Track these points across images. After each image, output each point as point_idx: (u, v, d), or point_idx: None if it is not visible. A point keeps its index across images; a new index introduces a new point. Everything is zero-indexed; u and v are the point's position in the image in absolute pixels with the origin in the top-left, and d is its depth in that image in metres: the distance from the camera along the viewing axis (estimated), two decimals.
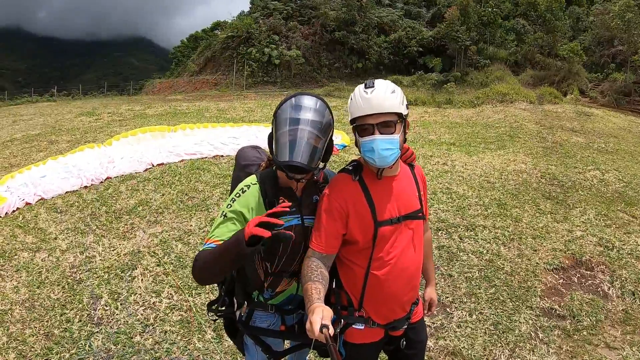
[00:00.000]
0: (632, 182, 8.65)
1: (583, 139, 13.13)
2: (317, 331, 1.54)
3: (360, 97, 1.90)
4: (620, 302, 4.63)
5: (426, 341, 2.37)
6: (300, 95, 1.97)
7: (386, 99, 1.88)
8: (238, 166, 2.32)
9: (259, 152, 2.38)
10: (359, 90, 1.93)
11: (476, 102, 21.15)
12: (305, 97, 1.97)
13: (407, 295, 2.10)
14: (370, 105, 1.87)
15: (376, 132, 1.88)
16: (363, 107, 1.89)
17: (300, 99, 1.95)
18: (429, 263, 2.44)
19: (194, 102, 21.48)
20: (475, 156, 9.98)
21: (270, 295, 2.11)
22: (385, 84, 1.93)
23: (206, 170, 8.02)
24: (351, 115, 1.96)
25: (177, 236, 5.60)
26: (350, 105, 1.96)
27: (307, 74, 35.35)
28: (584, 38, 35.02)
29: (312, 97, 1.98)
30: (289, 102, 1.96)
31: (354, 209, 1.95)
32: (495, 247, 5.58)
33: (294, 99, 1.95)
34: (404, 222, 2.02)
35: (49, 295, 4.41)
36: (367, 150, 1.90)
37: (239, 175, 2.24)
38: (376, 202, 1.96)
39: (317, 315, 1.61)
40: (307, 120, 1.90)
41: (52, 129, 13.60)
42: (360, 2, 36.15)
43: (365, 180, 1.99)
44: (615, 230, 6.26)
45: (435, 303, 2.45)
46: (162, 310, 4.15)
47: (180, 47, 48.83)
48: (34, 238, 5.66)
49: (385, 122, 1.88)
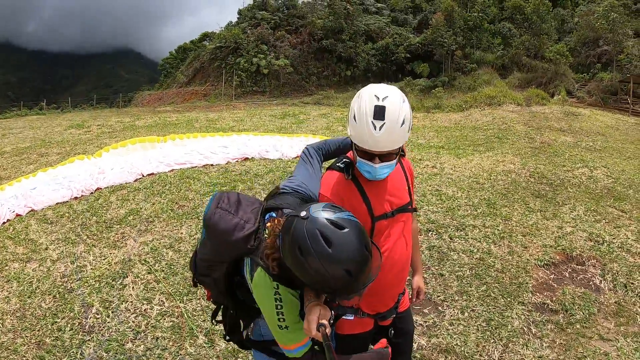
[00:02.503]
0: (621, 178, 8.73)
1: (571, 138, 13.24)
2: (314, 330, 1.56)
3: (367, 131, 1.76)
4: (613, 295, 4.66)
5: (413, 331, 2.40)
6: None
7: (395, 139, 1.80)
8: (225, 243, 1.83)
9: (230, 212, 1.86)
10: (366, 120, 1.75)
11: (464, 106, 21.27)
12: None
13: (397, 286, 2.13)
14: (376, 145, 1.79)
15: (377, 160, 1.84)
16: (368, 143, 1.79)
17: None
18: (416, 252, 2.45)
19: (183, 113, 21.46)
20: (464, 158, 10.03)
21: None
22: (396, 114, 1.76)
23: (196, 179, 7.99)
24: (351, 137, 1.86)
25: (167, 244, 5.57)
26: (353, 127, 1.82)
27: (295, 83, 35.58)
28: (570, 39, 35.44)
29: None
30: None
31: (350, 207, 1.92)
32: (486, 245, 5.60)
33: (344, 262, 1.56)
34: (397, 216, 2.04)
35: (40, 305, 4.38)
36: (364, 170, 1.89)
37: (230, 251, 1.85)
38: (371, 198, 1.98)
39: (314, 314, 1.62)
40: None
41: (42, 141, 13.53)
42: (347, 10, 36.48)
43: (358, 179, 2.00)
44: (605, 225, 6.31)
45: (423, 291, 2.46)
46: (154, 316, 4.13)
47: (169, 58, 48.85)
48: (24, 249, 5.62)
49: (387, 153, 1.84)
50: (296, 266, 1.59)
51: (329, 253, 1.52)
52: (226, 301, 2.06)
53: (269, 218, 1.86)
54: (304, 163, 2.17)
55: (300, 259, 1.56)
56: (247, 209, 1.90)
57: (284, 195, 1.97)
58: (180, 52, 48.19)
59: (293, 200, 1.90)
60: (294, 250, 1.57)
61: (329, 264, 1.53)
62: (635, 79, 26.11)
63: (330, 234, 1.54)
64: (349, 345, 2.11)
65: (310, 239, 1.54)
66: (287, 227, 1.63)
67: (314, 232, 1.54)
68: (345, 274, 1.54)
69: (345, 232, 1.56)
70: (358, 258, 1.55)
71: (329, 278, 1.55)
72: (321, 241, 1.53)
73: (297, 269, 1.60)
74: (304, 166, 2.15)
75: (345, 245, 1.54)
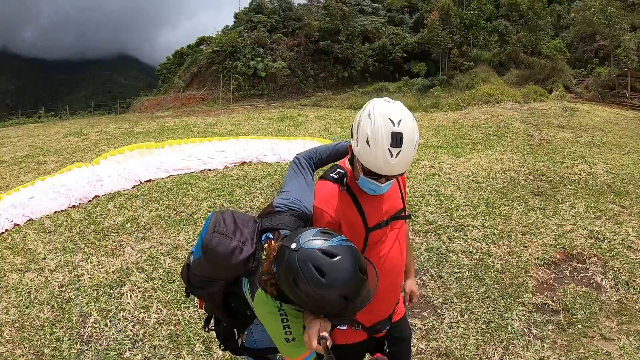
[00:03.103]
0: (620, 173, 8.71)
1: (570, 134, 13.22)
2: (314, 343, 1.54)
3: (382, 159, 1.71)
4: (614, 293, 4.63)
5: (410, 337, 2.37)
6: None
7: (407, 162, 1.77)
8: (225, 267, 1.81)
9: (227, 236, 1.82)
10: (383, 148, 1.69)
11: (462, 104, 21.28)
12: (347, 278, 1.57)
13: (391, 295, 2.10)
14: (392, 170, 1.75)
15: (383, 180, 1.82)
16: (382, 169, 1.75)
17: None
18: (409, 256, 2.42)
19: (181, 118, 21.44)
20: (462, 157, 10.01)
21: None
22: (412, 140, 1.73)
23: (193, 185, 7.97)
24: (361, 160, 1.78)
25: (165, 251, 5.55)
26: (365, 151, 1.74)
27: (293, 85, 35.59)
28: (566, 35, 35.44)
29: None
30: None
31: (345, 219, 1.93)
32: (485, 245, 5.57)
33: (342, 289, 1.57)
34: (391, 224, 2.02)
35: (39, 315, 4.36)
36: (368, 187, 1.87)
37: (229, 273, 1.85)
38: (366, 209, 1.95)
39: (315, 327, 1.60)
40: None
41: (40, 150, 13.50)
42: (343, 11, 36.48)
43: (352, 188, 1.96)
44: (605, 222, 6.28)
45: (416, 294, 2.44)
46: (151, 325, 4.10)
47: (166, 63, 48.80)
48: (22, 259, 5.59)
49: (396, 175, 1.83)
50: (293, 295, 1.60)
51: (323, 283, 1.52)
52: (219, 313, 2.05)
53: (266, 239, 1.85)
54: (296, 175, 2.12)
55: (295, 289, 1.57)
56: (244, 230, 1.87)
57: (278, 214, 1.94)
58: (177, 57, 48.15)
59: (289, 220, 1.88)
60: (288, 280, 1.58)
61: (324, 292, 1.53)
62: (632, 73, 26.10)
63: (322, 264, 1.54)
64: (342, 356, 2.08)
65: (302, 270, 1.54)
66: (280, 257, 1.64)
67: (305, 265, 1.55)
68: (341, 299, 1.55)
69: (338, 260, 1.56)
70: (353, 282, 1.56)
71: (326, 304, 1.56)
72: (314, 272, 1.53)
73: (294, 297, 1.60)
74: (296, 179, 2.10)
75: (338, 273, 1.54)
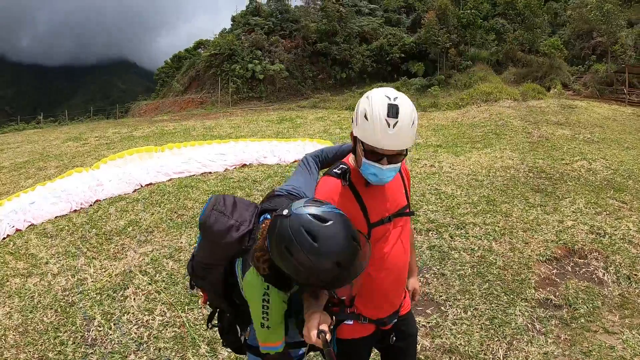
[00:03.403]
0: (620, 169, 8.73)
1: (568, 131, 13.23)
2: (314, 337, 1.57)
3: (380, 129, 1.72)
4: (616, 287, 4.65)
5: (416, 333, 2.37)
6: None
7: (407, 136, 1.76)
8: (220, 245, 1.88)
9: (225, 215, 1.90)
10: (380, 118, 1.71)
11: (461, 103, 21.31)
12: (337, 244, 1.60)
13: (396, 291, 2.11)
14: (390, 144, 1.75)
15: (385, 161, 1.80)
16: (381, 142, 1.74)
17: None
18: (412, 254, 2.43)
19: (180, 122, 21.45)
20: (462, 156, 10.02)
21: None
22: (409, 114, 1.75)
23: (194, 188, 7.99)
24: (361, 137, 1.80)
25: (167, 254, 5.56)
26: (364, 126, 1.77)
27: (291, 87, 35.62)
28: (563, 32, 35.51)
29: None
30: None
31: (346, 214, 1.91)
32: (487, 243, 5.58)
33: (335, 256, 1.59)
34: (394, 220, 2.02)
35: (42, 319, 4.36)
36: (370, 173, 1.85)
37: (225, 251, 1.89)
38: (368, 205, 1.95)
39: (314, 320, 1.63)
40: None
41: (40, 155, 13.51)
42: (340, 12, 36.54)
43: (355, 184, 1.96)
44: (606, 217, 6.30)
45: (418, 292, 2.45)
46: (156, 327, 4.11)
47: (164, 67, 48.79)
48: (25, 264, 5.60)
49: (398, 154, 1.82)
50: (286, 265, 1.60)
51: (315, 248, 1.53)
52: (222, 304, 2.07)
53: (263, 220, 1.88)
54: (301, 171, 2.19)
55: (288, 257, 1.57)
56: (242, 211, 1.92)
57: (278, 197, 1.98)
58: (175, 60, 48.14)
59: (288, 202, 1.88)
60: (280, 249, 1.58)
61: (317, 258, 1.54)
62: (630, 69, 26.15)
63: (314, 229, 1.55)
64: (349, 350, 2.10)
65: (295, 236, 1.55)
66: (272, 227, 1.65)
67: (297, 229, 1.55)
68: (334, 266, 1.56)
69: (330, 225, 1.57)
70: (346, 249, 1.57)
71: (320, 272, 1.57)
72: (306, 237, 1.54)
73: (287, 267, 1.60)
74: (301, 174, 2.17)
75: (331, 238, 1.55)
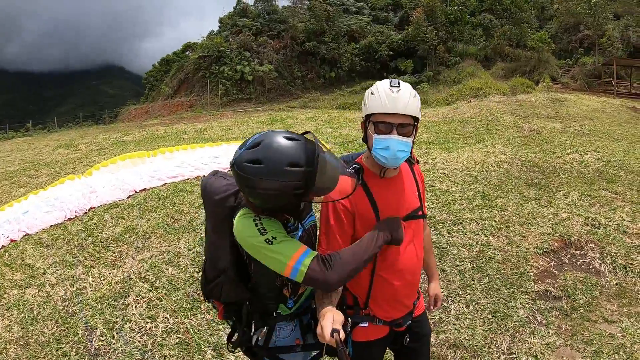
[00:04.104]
0: (611, 160, 8.81)
1: (559, 124, 13.33)
2: (327, 336, 1.58)
3: (385, 95, 1.86)
4: (613, 277, 4.71)
5: (430, 334, 2.38)
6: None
7: (410, 102, 1.87)
8: (211, 202, 2.02)
9: (225, 178, 2.09)
10: (384, 87, 1.88)
11: (451, 99, 21.35)
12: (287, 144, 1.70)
13: (408, 293, 2.13)
14: (395, 105, 1.85)
15: (394, 132, 1.87)
16: (387, 106, 1.85)
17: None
18: (430, 258, 2.45)
19: (170, 126, 21.35)
20: (455, 152, 10.07)
21: (294, 302, 2.07)
22: (409, 87, 1.91)
23: (189, 192, 7.96)
24: (370, 110, 1.91)
25: (167, 260, 5.54)
26: (371, 99, 1.90)
27: (281, 88, 35.51)
28: (550, 26, 35.74)
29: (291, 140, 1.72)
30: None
31: (357, 211, 1.97)
32: (484, 237, 5.63)
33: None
34: (407, 222, 2.03)
35: (43, 331, 4.33)
36: (382, 147, 1.88)
37: (215, 210, 2.01)
38: (379, 203, 1.98)
39: (328, 320, 1.64)
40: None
41: (31, 163, 13.38)
42: (328, 11, 36.49)
43: (367, 183, 2.00)
44: (599, 209, 6.36)
45: (441, 298, 2.46)
46: (159, 335, 4.10)
47: (152, 71, 48.46)
48: (22, 275, 5.55)
49: (404, 123, 1.88)
50: (260, 199, 1.72)
51: (262, 168, 1.65)
52: (242, 293, 2.03)
53: None
54: None
55: (256, 192, 1.69)
56: (232, 180, 2.01)
57: None
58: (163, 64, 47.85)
59: None
60: (246, 191, 1.72)
61: (270, 174, 1.64)
62: (617, 62, 26.35)
63: (252, 157, 1.66)
64: (364, 352, 2.11)
65: (245, 173, 1.66)
66: (236, 181, 1.80)
67: (242, 167, 1.66)
68: (292, 171, 1.65)
69: (261, 145, 1.67)
70: (288, 149, 1.66)
71: (284, 184, 1.65)
72: (251, 166, 1.65)
73: (261, 200, 1.73)
74: None
75: (267, 151, 1.66)
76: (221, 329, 4.07)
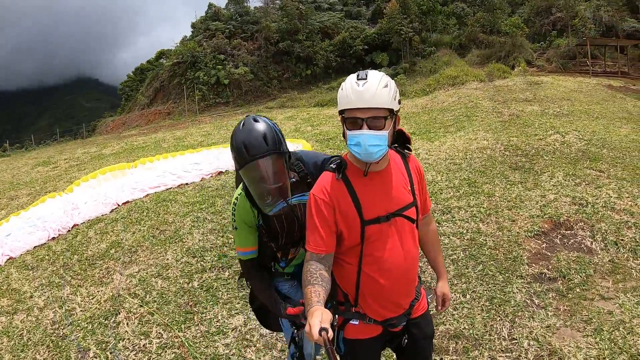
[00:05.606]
0: (593, 139, 8.90)
1: (538, 107, 13.45)
2: (316, 334, 1.54)
3: (350, 89, 1.81)
4: (606, 254, 4.73)
5: (433, 335, 2.31)
6: (238, 134, 2.08)
7: (377, 94, 1.79)
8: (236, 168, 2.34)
9: None
10: (351, 81, 1.83)
11: (428, 89, 21.41)
12: (243, 133, 2.07)
13: (401, 293, 2.04)
14: (361, 99, 1.78)
15: (364, 126, 1.80)
16: (353, 100, 1.80)
17: (243, 140, 2.05)
18: (438, 256, 2.37)
19: (149, 135, 21.12)
20: (437, 141, 10.09)
21: (285, 263, 2.44)
22: (378, 76, 1.83)
23: (173, 201, 7.85)
24: (340, 106, 1.87)
25: (155, 272, 5.43)
26: (340, 95, 1.86)
27: (257, 89, 35.27)
28: (523, 11, 35.97)
29: (249, 129, 2.07)
30: (236, 148, 2.06)
31: (339, 207, 1.90)
32: (474, 225, 5.62)
33: (238, 142, 2.06)
34: (393, 219, 1.95)
35: (35, 357, 4.19)
36: (354, 144, 1.83)
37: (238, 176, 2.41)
38: (362, 200, 1.90)
39: (316, 318, 1.60)
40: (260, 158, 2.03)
41: (10, 184, 13.10)
42: (300, 10, 36.33)
43: (349, 178, 1.93)
44: (586, 187, 6.40)
45: (449, 298, 2.38)
46: (154, 351, 3.98)
47: (127, 81, 47.83)
48: (8, 300, 5.39)
49: (374, 117, 1.80)
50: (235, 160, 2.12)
51: (231, 137, 2.11)
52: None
53: None
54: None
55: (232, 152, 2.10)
56: None
57: None
58: (138, 73, 47.24)
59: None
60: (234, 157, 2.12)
61: (231, 140, 2.09)
62: (591, 42, 26.68)
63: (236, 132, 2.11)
64: (355, 350, 2.08)
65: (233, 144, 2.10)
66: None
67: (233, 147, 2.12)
68: (242, 146, 2.02)
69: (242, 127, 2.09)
70: (244, 134, 2.05)
71: (235, 150, 2.06)
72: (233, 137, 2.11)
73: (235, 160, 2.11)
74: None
75: (237, 133, 2.07)
76: (217, 339, 3.98)
